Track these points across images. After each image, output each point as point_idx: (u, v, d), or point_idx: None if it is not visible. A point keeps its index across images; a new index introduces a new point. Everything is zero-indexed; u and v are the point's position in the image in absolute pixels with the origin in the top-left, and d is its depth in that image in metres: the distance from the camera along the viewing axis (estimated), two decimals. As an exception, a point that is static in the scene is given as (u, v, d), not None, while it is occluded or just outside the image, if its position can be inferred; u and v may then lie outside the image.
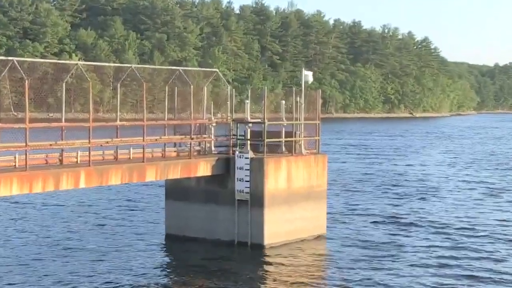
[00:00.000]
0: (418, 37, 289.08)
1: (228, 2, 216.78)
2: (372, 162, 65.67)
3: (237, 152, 27.42)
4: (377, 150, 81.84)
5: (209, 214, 27.92)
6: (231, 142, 28.53)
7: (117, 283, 22.22)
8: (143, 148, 25.49)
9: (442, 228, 31.59)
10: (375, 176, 53.05)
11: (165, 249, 27.74)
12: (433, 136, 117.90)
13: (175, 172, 26.17)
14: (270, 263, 25.14)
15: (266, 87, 30.37)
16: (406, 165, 61.96)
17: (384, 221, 33.38)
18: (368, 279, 23.08)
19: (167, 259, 26.42)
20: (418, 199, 41.15)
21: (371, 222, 33.07)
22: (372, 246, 27.73)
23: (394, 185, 47.52)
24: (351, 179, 51.29)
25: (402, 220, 33.62)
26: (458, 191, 44.78)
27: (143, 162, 25.20)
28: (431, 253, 26.62)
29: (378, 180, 50.38)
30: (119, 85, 27.37)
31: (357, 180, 50.65)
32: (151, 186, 44.33)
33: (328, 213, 30.67)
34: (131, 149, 25.72)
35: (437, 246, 27.85)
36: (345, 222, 33.00)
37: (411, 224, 32.61)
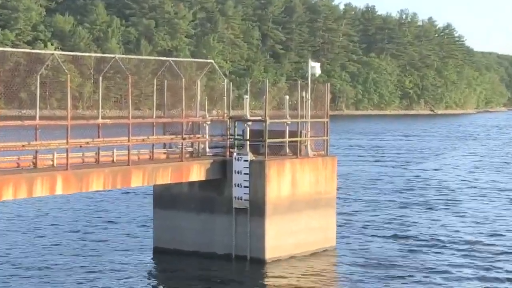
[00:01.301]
0: (440, 23, 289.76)
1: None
2: (386, 165, 65.74)
3: (234, 154, 27.44)
4: (392, 152, 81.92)
5: (203, 224, 27.92)
6: (228, 142, 28.54)
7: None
8: (128, 150, 25.50)
9: (464, 243, 31.36)
10: (389, 182, 53.11)
11: (153, 264, 27.73)
12: (456, 136, 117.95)
13: (165, 177, 26.18)
14: (271, 280, 25.15)
15: (267, 80, 30.41)
16: (424, 170, 61.94)
17: (401, 233, 33.36)
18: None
19: (155, 276, 26.42)
20: (437, 208, 41.05)
21: (386, 234, 33.08)
22: (387, 263, 27.71)
23: (411, 193, 47.51)
24: (363, 184, 51.32)
25: (420, 232, 33.56)
26: (483, 201, 44.67)
27: (128, 165, 25.21)
28: (452, 273, 26.46)
29: (392, 186, 50.42)
30: (101, 78, 27.39)
31: (370, 186, 50.70)
32: (137, 192, 44.35)
33: (338, 223, 30.66)
34: (115, 151, 25.72)
35: (459, 265, 27.66)
36: (357, 234, 33.01)
37: (429, 237, 32.49)
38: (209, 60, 31.76)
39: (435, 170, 62.47)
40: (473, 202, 44.07)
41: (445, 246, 30.90)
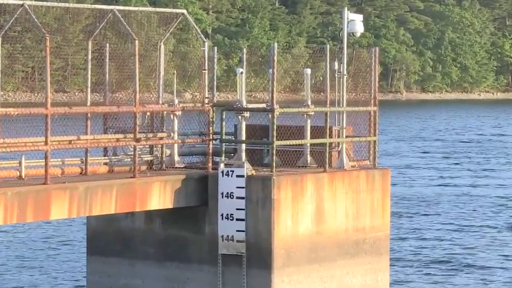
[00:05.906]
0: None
1: None
2: (458, 184, 66.34)
3: (221, 166, 27.47)
4: (472, 161, 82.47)
5: (170, 281, 27.98)
6: (211, 146, 28.58)
7: None
8: (46, 158, 25.50)
9: None
10: (463, 209, 53.98)
11: None
12: None
13: (106, 204, 26.18)
14: None
15: (275, 44, 30.38)
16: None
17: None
18: None
19: None
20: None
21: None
22: None
23: (495, 223, 47.76)
24: (423, 214, 51.85)
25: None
26: None
27: (45, 183, 25.22)
28: None
29: (469, 217, 51.11)
30: None
31: (434, 217, 51.15)
32: (62, 228, 44.38)
33: (392, 278, 30.74)
34: (23, 160, 25.75)
35: None
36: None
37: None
38: (179, 10, 31.78)
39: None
40: None
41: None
